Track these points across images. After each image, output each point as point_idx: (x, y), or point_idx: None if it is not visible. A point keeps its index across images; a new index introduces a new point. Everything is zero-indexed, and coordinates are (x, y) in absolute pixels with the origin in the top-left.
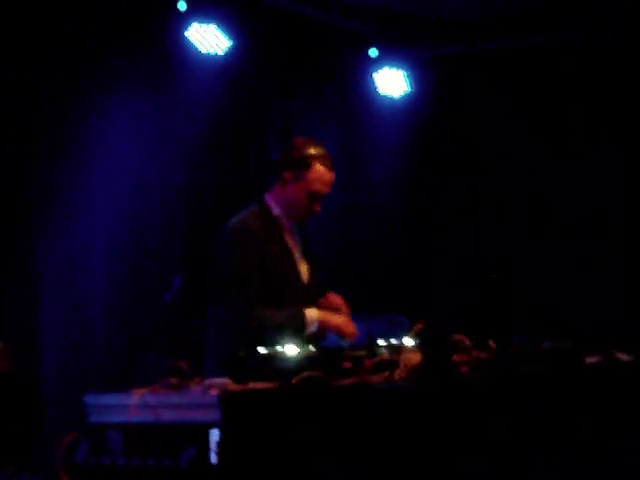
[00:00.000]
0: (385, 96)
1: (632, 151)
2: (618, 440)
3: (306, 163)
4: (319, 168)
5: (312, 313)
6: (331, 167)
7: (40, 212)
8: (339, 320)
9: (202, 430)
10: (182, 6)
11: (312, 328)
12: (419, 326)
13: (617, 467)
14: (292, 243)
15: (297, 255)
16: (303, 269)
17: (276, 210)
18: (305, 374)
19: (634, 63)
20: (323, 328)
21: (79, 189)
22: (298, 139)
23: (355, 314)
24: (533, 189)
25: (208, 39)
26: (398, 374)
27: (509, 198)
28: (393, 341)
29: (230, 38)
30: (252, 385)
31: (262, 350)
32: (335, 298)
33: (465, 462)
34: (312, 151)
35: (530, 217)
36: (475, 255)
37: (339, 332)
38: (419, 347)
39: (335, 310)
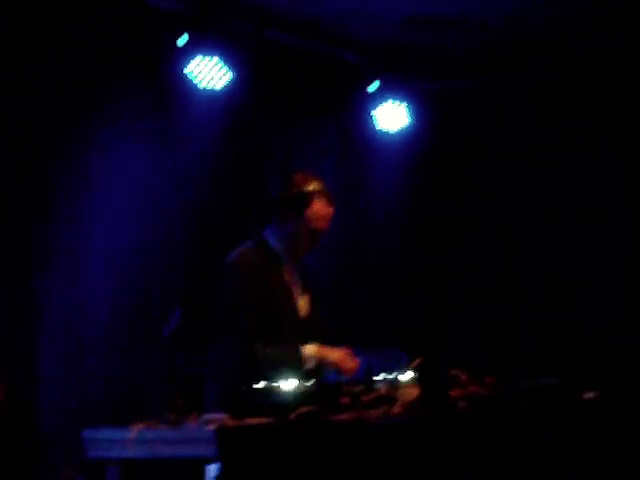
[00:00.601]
0: (384, 130)
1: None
2: (614, 475)
3: (306, 200)
4: (319, 204)
5: (310, 350)
6: (330, 202)
7: (40, 245)
8: (336, 355)
9: (199, 465)
10: (181, 41)
11: (310, 365)
12: (417, 361)
13: None
14: (290, 277)
15: (296, 289)
16: (302, 304)
17: (274, 244)
18: (302, 409)
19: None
20: (321, 364)
21: (79, 223)
22: (296, 175)
23: (353, 348)
24: (533, 223)
25: (208, 73)
26: (395, 409)
27: (509, 232)
28: (391, 376)
29: (230, 71)
30: (249, 420)
31: (259, 385)
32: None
33: None
34: (311, 187)
35: (528, 252)
36: (475, 292)
37: (337, 367)
38: (417, 382)
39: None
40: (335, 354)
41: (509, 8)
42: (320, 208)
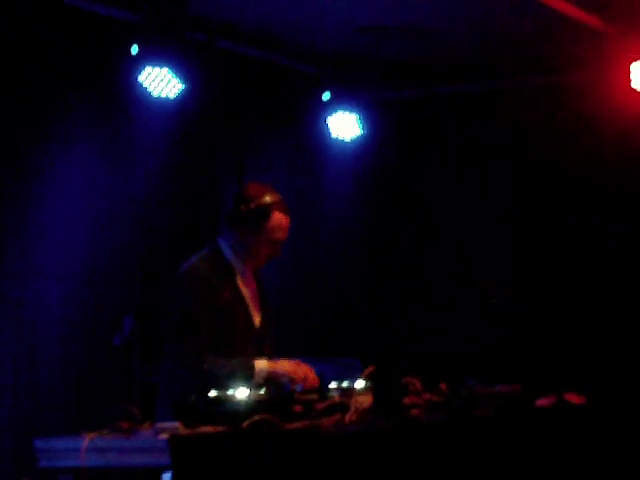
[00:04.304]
0: (337, 139)
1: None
2: None
3: (264, 213)
4: (277, 216)
5: (261, 364)
6: (287, 211)
7: None
8: (288, 367)
9: (153, 474)
10: (134, 50)
11: (260, 378)
12: (370, 369)
13: None
14: (245, 287)
15: (249, 300)
16: (255, 314)
17: (228, 254)
18: (255, 418)
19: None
20: (272, 377)
21: (30, 233)
22: (252, 187)
23: (307, 357)
24: (487, 228)
25: (160, 82)
26: (349, 417)
27: (460, 237)
28: (345, 384)
29: (182, 81)
30: (202, 429)
31: (212, 394)
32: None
33: None
34: (268, 199)
35: (487, 260)
36: (432, 299)
37: (289, 377)
38: (370, 390)
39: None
40: (286, 365)
41: (462, 17)
42: (279, 219)
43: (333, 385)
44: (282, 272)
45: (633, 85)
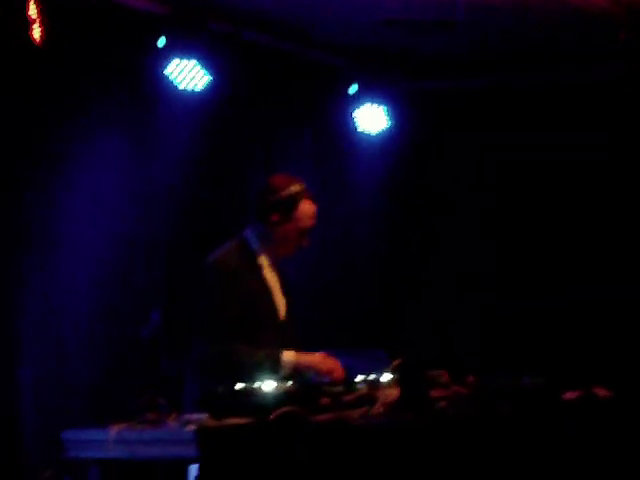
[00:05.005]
0: (364, 132)
1: None
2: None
3: (293, 202)
4: (305, 204)
5: (288, 355)
6: (314, 200)
7: (16, 246)
8: (315, 358)
9: (180, 466)
10: (161, 42)
11: (287, 370)
12: (397, 361)
13: None
14: (271, 279)
15: (275, 291)
16: (281, 305)
17: (255, 245)
18: (283, 410)
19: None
20: (300, 370)
21: (60, 224)
22: (278, 177)
23: (333, 350)
24: (510, 222)
25: (187, 75)
26: (376, 410)
27: (489, 232)
28: (371, 377)
29: (209, 74)
30: (229, 421)
31: (240, 386)
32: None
33: None
34: (295, 188)
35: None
36: (460, 292)
37: (316, 370)
38: (397, 382)
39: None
40: (313, 357)
41: (491, 8)
42: (307, 207)
43: (360, 378)
44: (308, 265)
45: None
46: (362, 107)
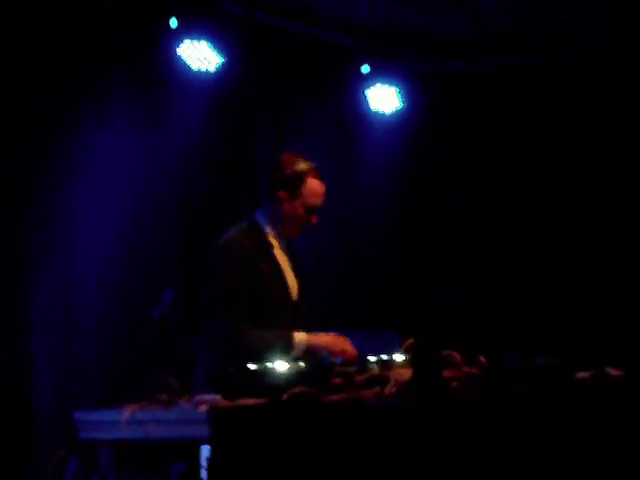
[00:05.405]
0: (377, 112)
1: None
2: (610, 456)
3: (299, 179)
4: (312, 182)
5: (300, 336)
6: (322, 178)
7: (29, 227)
8: (327, 338)
9: (192, 446)
10: (173, 23)
11: (299, 351)
12: (409, 342)
13: None
14: (282, 259)
15: (287, 271)
16: (293, 285)
17: (266, 226)
18: (295, 390)
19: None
20: (312, 350)
21: (72, 206)
22: (286, 155)
23: (346, 330)
24: (522, 205)
25: (199, 56)
26: (388, 390)
27: (500, 214)
28: (384, 357)
29: (221, 55)
30: (242, 401)
31: (252, 366)
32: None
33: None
34: (303, 166)
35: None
36: (469, 274)
37: (328, 350)
38: (409, 363)
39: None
40: (325, 338)
41: None
42: (315, 184)
43: (372, 358)
44: (319, 245)
45: None
46: (374, 87)
